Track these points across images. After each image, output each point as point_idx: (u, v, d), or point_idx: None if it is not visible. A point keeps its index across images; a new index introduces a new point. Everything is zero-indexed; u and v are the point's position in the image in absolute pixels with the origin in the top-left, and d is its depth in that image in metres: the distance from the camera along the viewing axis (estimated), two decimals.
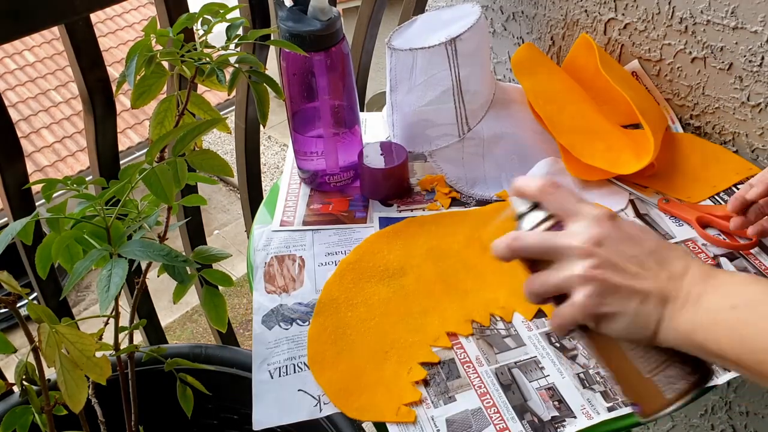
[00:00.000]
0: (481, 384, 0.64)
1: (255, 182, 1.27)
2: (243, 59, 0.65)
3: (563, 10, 0.99)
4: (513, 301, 0.71)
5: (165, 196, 0.56)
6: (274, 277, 0.77)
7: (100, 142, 0.90)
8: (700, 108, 0.91)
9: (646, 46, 0.92)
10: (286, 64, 0.80)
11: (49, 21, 0.74)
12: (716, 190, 0.83)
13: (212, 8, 0.64)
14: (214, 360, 0.80)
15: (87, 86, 0.85)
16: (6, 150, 0.79)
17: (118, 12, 6.44)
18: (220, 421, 0.86)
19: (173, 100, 0.66)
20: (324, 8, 0.77)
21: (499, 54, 1.12)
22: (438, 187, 0.87)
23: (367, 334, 0.69)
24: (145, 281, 0.68)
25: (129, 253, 0.54)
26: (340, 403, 0.63)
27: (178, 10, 0.90)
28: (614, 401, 0.61)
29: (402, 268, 0.76)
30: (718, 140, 0.91)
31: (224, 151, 6.53)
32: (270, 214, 0.86)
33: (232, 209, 6.37)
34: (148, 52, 0.61)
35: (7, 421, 0.60)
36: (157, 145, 0.56)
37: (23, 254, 0.85)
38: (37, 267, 0.59)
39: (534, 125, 0.89)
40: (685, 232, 0.78)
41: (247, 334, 4.38)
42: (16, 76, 5.87)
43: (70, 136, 5.57)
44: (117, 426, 0.70)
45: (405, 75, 0.85)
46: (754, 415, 1.03)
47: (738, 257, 0.74)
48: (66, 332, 0.51)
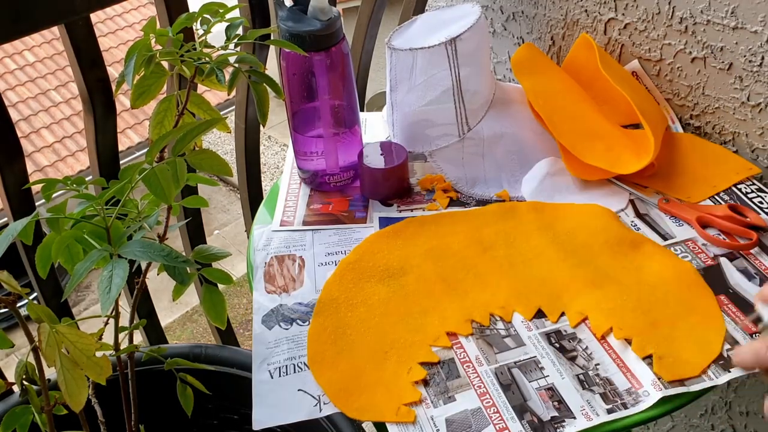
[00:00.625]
0: (480, 384, 0.64)
1: (255, 182, 1.27)
2: (243, 59, 0.65)
3: (563, 10, 0.99)
4: (513, 301, 0.72)
5: (165, 196, 0.56)
6: (274, 277, 0.77)
7: (100, 142, 0.90)
8: (700, 108, 0.91)
9: (646, 46, 0.92)
10: (286, 64, 0.80)
11: (49, 21, 0.74)
12: (716, 190, 0.83)
13: (212, 8, 0.64)
14: (214, 360, 0.80)
15: (87, 86, 0.85)
16: (6, 150, 0.79)
17: (118, 12, 6.44)
18: (220, 421, 0.86)
19: (173, 100, 0.66)
20: (324, 8, 0.77)
21: (499, 54, 1.12)
22: (437, 187, 0.87)
23: (366, 334, 0.69)
24: (145, 281, 0.68)
25: (129, 254, 0.54)
26: (340, 403, 0.64)
27: (178, 10, 0.90)
28: (614, 403, 0.61)
29: (402, 268, 0.76)
30: (718, 140, 0.91)
31: (224, 151, 6.53)
32: (270, 214, 0.86)
33: (232, 209, 6.37)
34: (147, 51, 0.61)
35: (7, 421, 0.60)
36: (157, 145, 0.57)
37: (23, 254, 0.85)
38: (37, 267, 0.59)
39: (534, 125, 0.89)
40: (685, 232, 0.78)
41: (247, 334, 4.38)
42: (16, 76, 5.87)
43: (70, 136, 5.57)
44: (117, 426, 0.70)
45: (405, 75, 0.85)
46: (754, 415, 1.03)
47: (738, 257, 0.74)
48: (66, 332, 0.51)
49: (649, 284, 0.71)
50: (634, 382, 0.63)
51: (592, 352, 0.66)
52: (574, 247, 0.77)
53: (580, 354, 0.66)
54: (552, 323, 0.69)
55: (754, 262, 0.73)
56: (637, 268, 0.74)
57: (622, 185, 0.84)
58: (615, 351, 0.66)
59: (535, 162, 0.87)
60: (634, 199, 0.83)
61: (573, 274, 0.73)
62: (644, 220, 0.81)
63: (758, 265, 0.73)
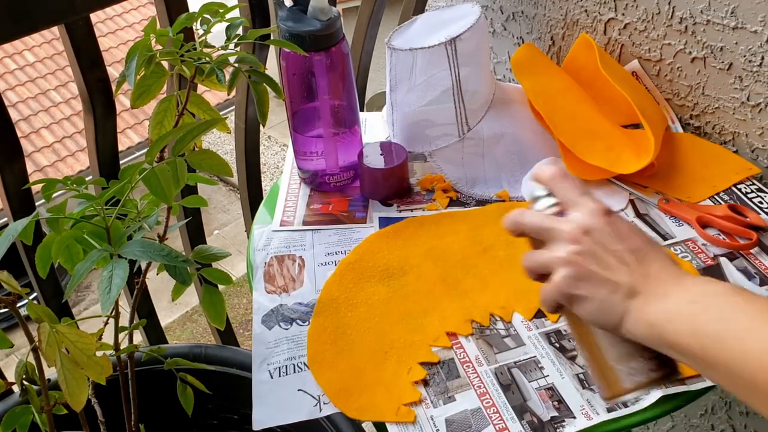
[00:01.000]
0: (480, 384, 0.64)
1: (255, 182, 1.27)
2: (243, 59, 0.65)
3: (563, 10, 0.99)
4: (513, 302, 0.71)
5: (165, 196, 0.56)
6: (274, 277, 0.77)
7: (100, 142, 0.90)
8: (700, 108, 0.91)
9: (646, 46, 0.92)
10: (286, 64, 0.80)
11: (49, 21, 0.74)
12: (716, 190, 0.83)
13: (212, 8, 0.64)
14: (214, 360, 0.80)
15: (87, 86, 0.85)
16: (6, 150, 0.79)
17: (118, 12, 6.43)
18: (220, 421, 0.86)
19: (173, 100, 0.66)
20: (324, 8, 0.77)
21: (499, 54, 1.12)
22: (437, 187, 0.87)
23: (367, 334, 0.69)
24: (144, 281, 0.68)
25: (129, 254, 0.54)
26: (340, 403, 0.64)
27: (178, 10, 0.90)
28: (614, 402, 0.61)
29: (402, 268, 0.76)
30: (718, 140, 0.91)
31: (224, 151, 6.53)
32: (270, 214, 0.86)
33: (232, 209, 6.37)
34: (147, 51, 0.61)
35: (7, 421, 0.60)
36: (157, 145, 0.57)
37: (23, 254, 0.85)
38: (37, 267, 0.59)
39: (534, 125, 0.89)
40: (685, 231, 0.78)
41: (247, 334, 4.38)
42: (16, 76, 5.87)
43: (70, 136, 5.57)
44: (117, 426, 0.70)
45: (405, 75, 0.85)
46: (754, 415, 1.03)
47: (738, 257, 0.74)
48: (66, 332, 0.51)
49: None
50: None
51: None
52: None
53: (580, 354, 0.66)
54: (552, 323, 0.69)
55: (754, 262, 0.73)
56: None
57: (622, 185, 0.84)
58: None
59: (535, 162, 0.86)
60: (634, 198, 0.83)
61: None
62: (644, 220, 0.81)
63: (758, 265, 0.73)
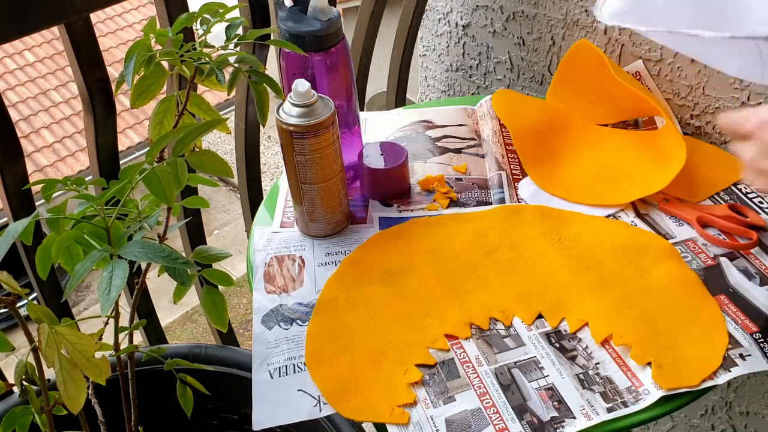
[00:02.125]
0: (480, 384, 0.64)
1: (255, 182, 1.27)
2: (242, 59, 0.64)
3: (563, 10, 0.99)
4: (513, 306, 0.71)
5: (165, 196, 0.56)
6: (274, 277, 0.77)
7: (100, 142, 0.90)
8: (700, 108, 0.91)
9: (646, 46, 0.92)
10: (286, 64, 0.80)
11: (49, 21, 0.74)
12: (716, 189, 0.83)
13: (212, 8, 0.63)
14: (214, 360, 0.80)
15: (87, 86, 0.85)
16: (6, 150, 0.79)
17: (118, 12, 6.43)
18: (220, 421, 0.86)
19: (173, 100, 0.66)
20: (324, 8, 0.77)
21: (499, 54, 1.12)
22: (437, 187, 0.87)
23: (365, 334, 0.69)
24: (144, 281, 0.68)
25: (129, 254, 0.54)
26: (336, 402, 0.63)
27: (178, 10, 0.90)
28: (614, 401, 0.61)
29: (403, 269, 0.76)
30: (718, 140, 0.91)
31: (224, 151, 6.52)
32: (270, 214, 0.86)
33: (232, 209, 6.37)
34: (147, 51, 0.61)
35: (7, 421, 0.60)
36: (157, 146, 0.56)
37: (23, 254, 0.85)
38: (37, 267, 0.59)
39: None
40: (685, 231, 0.78)
41: (247, 334, 4.38)
42: (16, 76, 5.87)
43: (70, 136, 5.57)
44: (117, 426, 0.70)
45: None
46: (754, 415, 1.03)
47: (738, 257, 0.74)
48: (66, 332, 0.51)
49: (652, 293, 0.71)
50: (634, 380, 0.63)
51: (592, 351, 0.66)
52: (578, 253, 0.76)
53: (580, 353, 0.66)
54: (552, 327, 0.69)
55: (754, 262, 0.73)
56: (642, 275, 0.73)
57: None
58: (615, 350, 0.66)
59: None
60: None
61: (576, 280, 0.73)
62: (644, 219, 0.81)
63: (758, 265, 0.73)
